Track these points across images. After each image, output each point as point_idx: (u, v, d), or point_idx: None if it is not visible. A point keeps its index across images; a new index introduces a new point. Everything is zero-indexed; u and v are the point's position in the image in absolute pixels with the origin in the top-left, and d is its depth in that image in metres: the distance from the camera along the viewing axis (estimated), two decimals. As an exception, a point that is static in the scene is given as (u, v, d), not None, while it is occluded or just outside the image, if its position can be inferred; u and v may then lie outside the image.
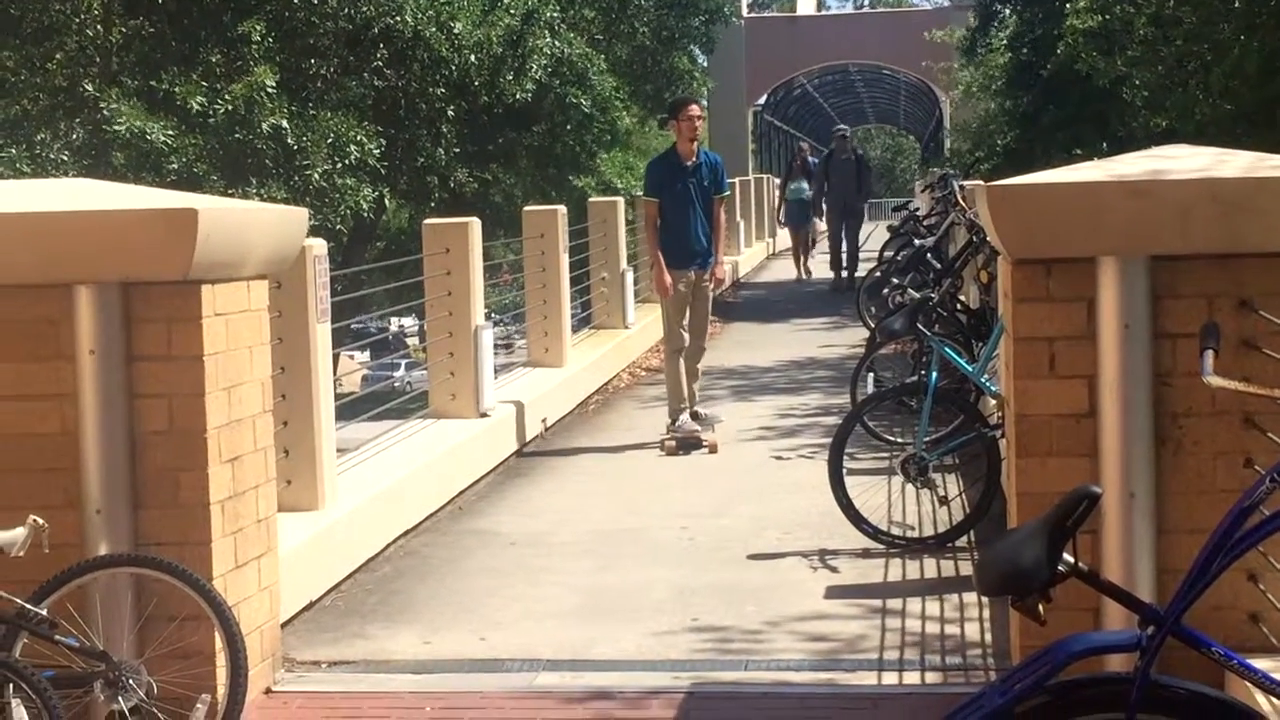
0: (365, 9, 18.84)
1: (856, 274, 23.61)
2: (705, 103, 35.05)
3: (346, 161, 18.05)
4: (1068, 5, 21.45)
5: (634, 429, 13.03)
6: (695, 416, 12.35)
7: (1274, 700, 3.64)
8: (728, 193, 12.68)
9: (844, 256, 24.93)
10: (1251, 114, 15.39)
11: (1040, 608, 3.57)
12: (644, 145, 37.47)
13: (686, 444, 11.98)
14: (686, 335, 12.30)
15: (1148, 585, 5.66)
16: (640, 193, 13.19)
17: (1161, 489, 5.72)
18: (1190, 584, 3.59)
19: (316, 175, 17.70)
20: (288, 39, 18.78)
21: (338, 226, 18.83)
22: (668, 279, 12.14)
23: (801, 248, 28.28)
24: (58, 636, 5.54)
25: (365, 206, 18.84)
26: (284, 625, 7.22)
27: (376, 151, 18.44)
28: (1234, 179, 5.73)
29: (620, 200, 19.17)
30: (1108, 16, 19.17)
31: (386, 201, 20.90)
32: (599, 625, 7.52)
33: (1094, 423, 5.76)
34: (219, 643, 5.90)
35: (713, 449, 11.89)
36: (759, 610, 7.69)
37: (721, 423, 12.58)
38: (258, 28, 17.81)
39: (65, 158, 16.69)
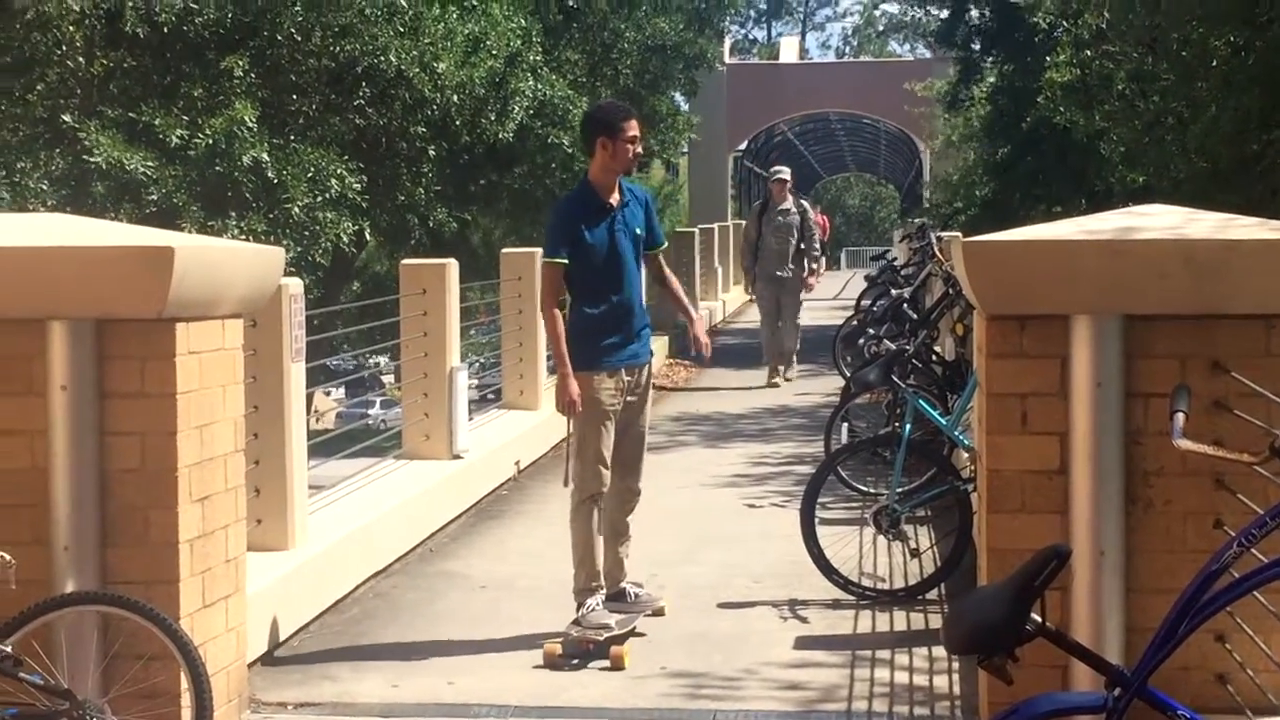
0: (349, 47, 18.86)
1: (793, 369, 19.52)
2: (686, 145, 34.66)
3: (327, 195, 18.06)
4: (1047, 59, 21.58)
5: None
6: (620, 597, 8.24)
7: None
8: (665, 244, 8.66)
9: (783, 341, 19.33)
10: (1227, 172, 15.47)
11: (1007, 667, 3.57)
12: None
13: (578, 649, 7.74)
14: (607, 474, 8.11)
15: (1116, 643, 5.67)
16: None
17: (1131, 548, 5.73)
18: (1158, 646, 3.60)
19: (297, 209, 17.70)
20: (270, 75, 18.78)
21: (318, 260, 18.82)
22: (574, 387, 7.87)
23: None
24: (22, 674, 5.51)
25: (345, 240, 18.85)
26: (251, 666, 7.19)
27: (357, 186, 18.46)
28: (1207, 240, 5.76)
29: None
30: (1086, 71, 19.28)
31: (367, 236, 20.89)
32: (568, 672, 7.50)
33: (1065, 480, 5.77)
34: (185, 683, 5.87)
35: (616, 662, 7.56)
36: (728, 659, 7.68)
37: (660, 608, 8.43)
38: (240, 63, 17.82)
39: (45, 187, 16.66)
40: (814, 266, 19.50)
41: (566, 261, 7.99)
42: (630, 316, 8.12)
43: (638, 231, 8.18)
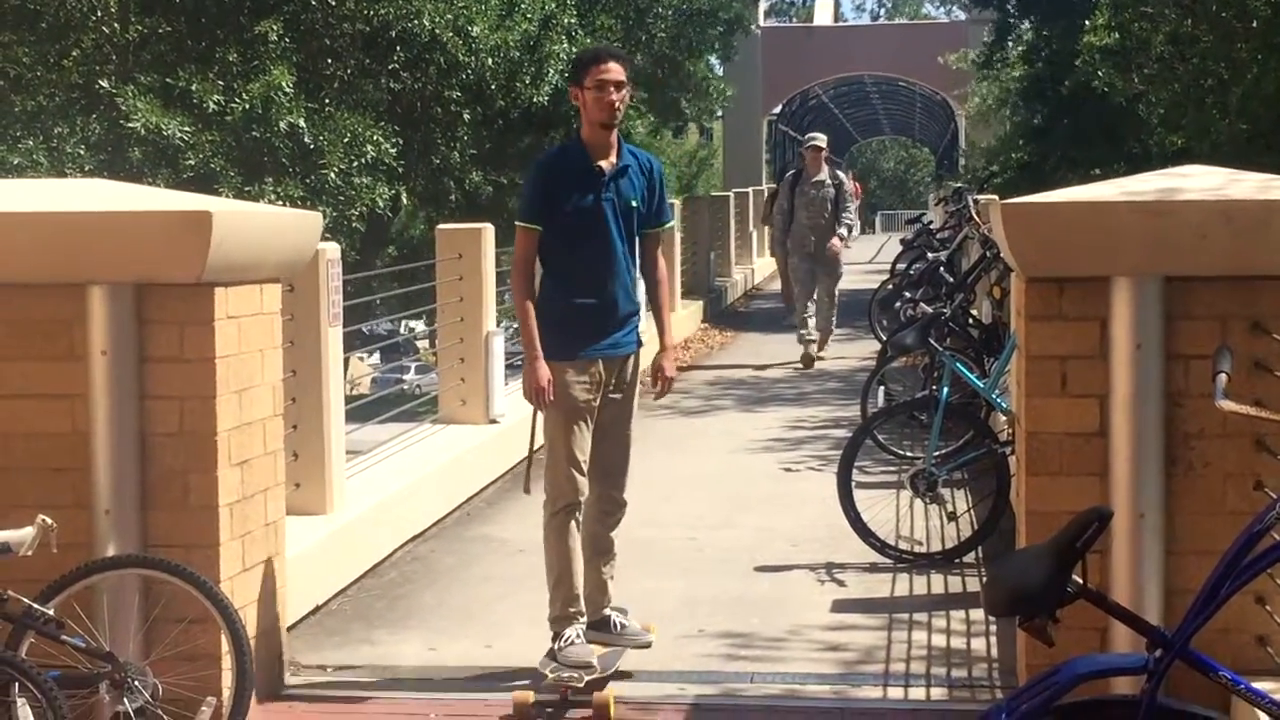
0: (383, 11, 18.85)
1: (827, 344, 18.14)
2: (720, 110, 34.45)
3: (363, 160, 18.09)
4: (1085, 22, 21.45)
5: (640, 437, 13.00)
6: (603, 626, 7.04)
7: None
8: (671, 222, 7.68)
9: (810, 321, 17.64)
10: (1268, 134, 15.37)
11: (1048, 628, 3.57)
12: (658, 153, 37.47)
13: (554, 694, 6.67)
14: (583, 480, 6.93)
15: (1156, 606, 5.65)
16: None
17: (1171, 510, 5.71)
18: (1199, 608, 3.59)
19: (333, 174, 17.72)
20: (305, 40, 18.80)
21: (354, 224, 18.86)
22: (544, 373, 6.78)
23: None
24: (64, 636, 5.54)
25: (381, 204, 18.88)
26: (290, 629, 7.22)
27: (393, 151, 18.48)
28: (1249, 201, 5.72)
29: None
30: (1125, 34, 19.16)
31: (403, 199, 20.91)
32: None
33: (1104, 442, 5.75)
34: (225, 645, 5.90)
35: (600, 712, 6.43)
36: (765, 622, 7.69)
37: (648, 641, 7.10)
38: (275, 28, 17.82)
39: (82, 152, 16.71)
40: (842, 232, 17.68)
41: (539, 228, 6.88)
42: (613, 300, 6.91)
43: (633, 204, 6.93)
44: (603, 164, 6.90)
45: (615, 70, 6.85)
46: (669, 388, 7.22)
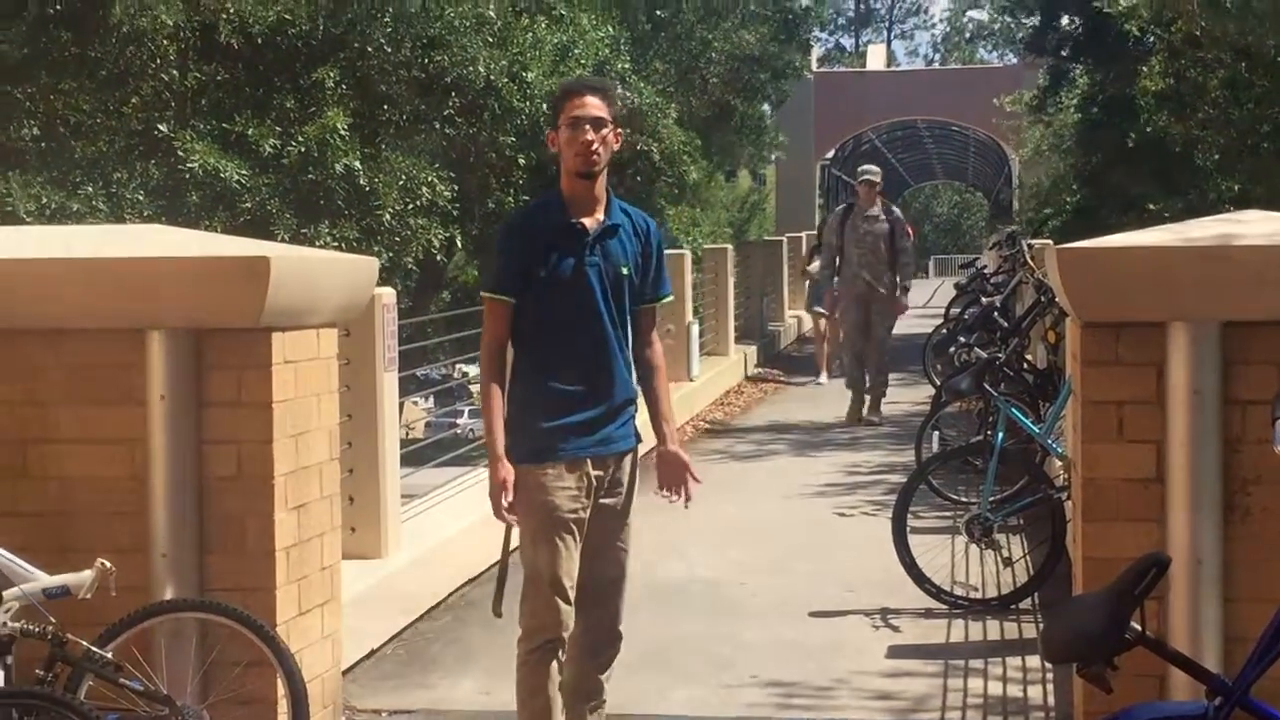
0: (439, 59, 18.97)
1: (882, 398, 16.89)
2: (773, 156, 34.51)
3: (418, 202, 18.19)
4: (1141, 68, 21.41)
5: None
6: None
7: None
8: (670, 296, 6.24)
9: (864, 371, 16.71)
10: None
11: (1106, 675, 3.56)
12: (710, 198, 37.50)
13: None
14: (568, 610, 5.76)
15: (1214, 653, 5.62)
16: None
17: (1229, 556, 5.68)
18: (1259, 656, 3.57)
19: (388, 215, 17.83)
20: (361, 87, 18.93)
21: (410, 267, 18.93)
22: (508, 474, 5.74)
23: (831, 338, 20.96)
24: (122, 679, 5.56)
25: (436, 246, 18.97)
26: (346, 673, 7.24)
27: (447, 194, 18.58)
28: (1307, 246, 5.70)
29: (687, 253, 19.32)
30: (1180, 80, 19.13)
31: (458, 243, 21.00)
32: (659, 679, 7.51)
33: (1161, 488, 5.73)
34: (281, 689, 5.92)
35: None
36: (820, 668, 7.67)
37: None
38: (331, 75, 17.96)
39: (141, 197, 16.85)
40: (906, 285, 16.89)
41: (512, 300, 5.70)
42: (603, 387, 5.71)
43: (623, 270, 5.72)
44: (585, 221, 5.70)
45: (592, 105, 5.65)
46: (689, 495, 5.92)
